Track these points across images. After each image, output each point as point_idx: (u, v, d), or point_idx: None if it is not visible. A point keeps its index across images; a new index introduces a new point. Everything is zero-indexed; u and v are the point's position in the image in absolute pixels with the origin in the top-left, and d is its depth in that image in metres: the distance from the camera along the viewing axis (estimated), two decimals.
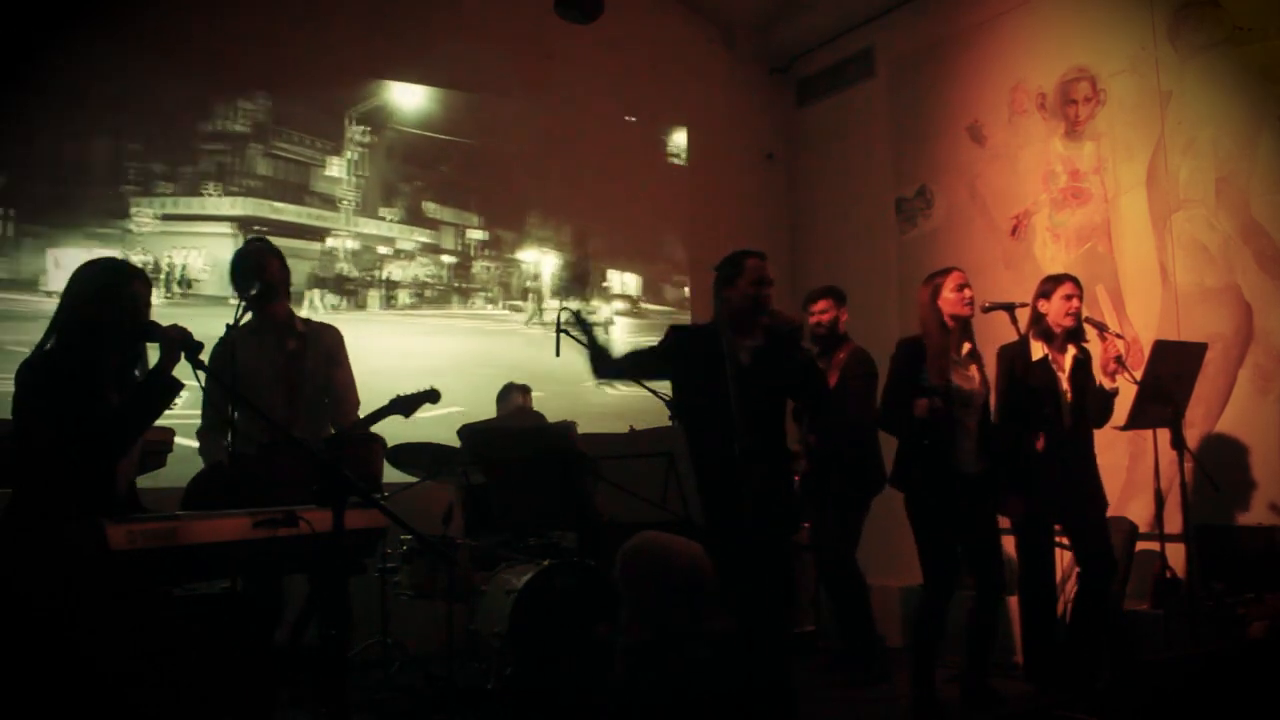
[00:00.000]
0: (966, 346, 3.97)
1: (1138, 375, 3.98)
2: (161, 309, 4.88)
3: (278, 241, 3.93)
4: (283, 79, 5.78)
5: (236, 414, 3.21)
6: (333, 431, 3.64)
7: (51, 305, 2.84)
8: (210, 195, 5.58)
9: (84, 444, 2.60)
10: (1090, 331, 4.09)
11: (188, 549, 2.45)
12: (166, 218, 5.47)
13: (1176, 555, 4.23)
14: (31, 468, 2.65)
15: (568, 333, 3.59)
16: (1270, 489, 4.51)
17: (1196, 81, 4.88)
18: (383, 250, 6.12)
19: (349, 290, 6.00)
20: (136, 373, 2.81)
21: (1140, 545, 4.56)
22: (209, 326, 3.21)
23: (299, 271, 5.40)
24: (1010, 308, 3.97)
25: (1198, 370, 4.15)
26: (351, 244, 6.01)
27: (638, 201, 6.91)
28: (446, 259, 6.31)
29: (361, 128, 6.04)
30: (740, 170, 7.18)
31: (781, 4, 7.03)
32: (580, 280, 3.52)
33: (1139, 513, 4.60)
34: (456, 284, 6.33)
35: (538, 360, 5.89)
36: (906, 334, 4.06)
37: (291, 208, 5.84)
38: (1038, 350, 4.04)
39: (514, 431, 4.54)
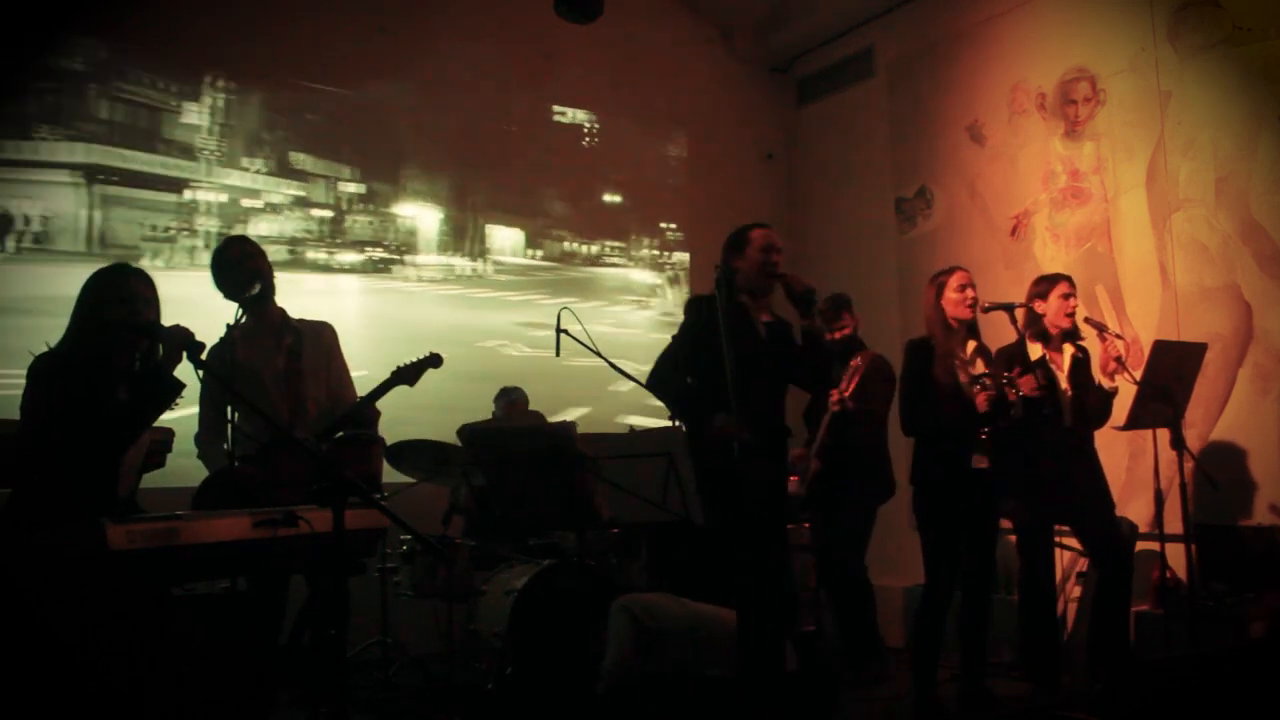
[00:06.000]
0: (972, 345, 3.97)
1: (1138, 375, 3.98)
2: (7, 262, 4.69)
3: (126, 192, 3.51)
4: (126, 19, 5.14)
5: (237, 415, 3.20)
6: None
7: None
8: (44, 139, 5.00)
9: (88, 440, 2.62)
10: (1089, 331, 4.09)
11: (188, 549, 2.44)
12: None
13: (1176, 555, 4.23)
14: (32, 466, 2.66)
15: (567, 332, 3.58)
16: (1270, 489, 4.51)
17: (1196, 81, 4.88)
18: (248, 204, 5.60)
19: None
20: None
21: (1140, 545, 4.55)
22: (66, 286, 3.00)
23: (158, 225, 5.20)
24: (1010, 308, 3.98)
25: (1198, 370, 4.15)
26: (216, 196, 5.47)
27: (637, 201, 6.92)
28: (317, 213, 5.83)
29: (216, 73, 5.54)
30: (740, 170, 7.18)
31: (781, 4, 7.03)
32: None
33: (1139, 513, 4.60)
34: (333, 239, 5.87)
35: (427, 321, 5.97)
36: (907, 333, 4.06)
37: (142, 155, 5.26)
38: (1035, 351, 4.04)
39: (514, 431, 4.54)
